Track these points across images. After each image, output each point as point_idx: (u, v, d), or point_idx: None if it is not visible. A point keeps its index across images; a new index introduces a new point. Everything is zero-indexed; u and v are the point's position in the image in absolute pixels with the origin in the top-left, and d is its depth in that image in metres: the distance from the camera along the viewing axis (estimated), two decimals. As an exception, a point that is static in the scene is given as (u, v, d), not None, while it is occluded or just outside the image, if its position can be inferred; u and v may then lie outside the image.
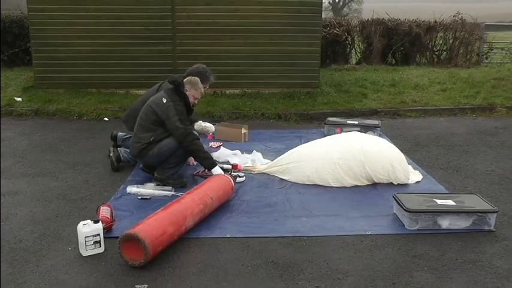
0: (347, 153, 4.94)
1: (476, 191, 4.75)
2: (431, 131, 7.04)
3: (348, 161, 4.87)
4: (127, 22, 8.61)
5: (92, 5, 8.49)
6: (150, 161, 4.86)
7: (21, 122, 7.47)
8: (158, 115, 4.69)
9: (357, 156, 4.89)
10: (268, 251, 3.55)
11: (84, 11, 8.53)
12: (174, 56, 8.80)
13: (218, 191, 4.22)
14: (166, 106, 4.68)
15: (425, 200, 4.10)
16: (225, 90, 8.93)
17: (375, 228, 3.92)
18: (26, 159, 5.67)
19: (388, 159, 4.93)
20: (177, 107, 4.69)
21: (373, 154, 4.91)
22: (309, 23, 8.72)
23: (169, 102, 4.69)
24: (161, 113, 4.68)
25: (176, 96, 4.77)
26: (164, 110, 4.67)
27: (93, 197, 4.60)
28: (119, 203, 4.43)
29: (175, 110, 4.66)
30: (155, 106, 4.73)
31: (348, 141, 5.14)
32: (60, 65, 8.67)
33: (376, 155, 4.91)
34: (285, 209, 4.32)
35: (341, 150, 4.99)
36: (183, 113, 4.72)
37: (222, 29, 8.70)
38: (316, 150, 5.13)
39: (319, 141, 5.40)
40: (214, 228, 3.92)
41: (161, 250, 3.44)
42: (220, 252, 3.56)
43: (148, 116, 4.74)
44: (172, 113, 4.64)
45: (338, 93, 8.92)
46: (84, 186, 4.90)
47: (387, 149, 5.09)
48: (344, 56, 12.62)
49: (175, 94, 4.78)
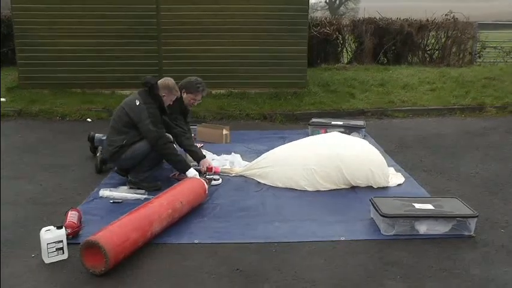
0: (324, 159, 4.81)
1: (459, 194, 4.62)
2: (417, 132, 6.93)
3: (325, 167, 4.74)
4: (112, 21, 8.51)
5: (77, 4, 8.35)
6: (123, 165, 4.74)
7: (4, 122, 7.33)
8: (131, 117, 4.56)
9: (334, 161, 4.76)
10: (235, 258, 3.43)
11: (69, 11, 8.41)
12: (159, 55, 8.70)
13: (189, 194, 4.10)
14: (139, 109, 4.55)
15: (403, 204, 3.98)
16: (211, 90, 8.77)
17: (349, 234, 3.79)
18: (3, 161, 5.54)
19: (366, 163, 4.81)
20: (150, 110, 4.56)
21: (351, 159, 4.79)
22: (296, 22, 8.61)
23: (142, 105, 4.57)
24: (134, 116, 4.55)
25: (149, 98, 4.64)
26: (137, 113, 4.55)
27: (65, 201, 4.46)
28: (90, 206, 4.31)
29: (147, 112, 4.53)
30: (128, 108, 4.61)
31: (325, 146, 5.02)
32: (44, 65, 8.56)
33: (354, 160, 4.79)
34: (259, 213, 4.19)
35: (318, 156, 4.85)
36: (156, 116, 4.59)
37: (208, 28, 8.60)
38: (292, 155, 5.00)
39: (297, 142, 5.27)
40: (184, 234, 3.79)
41: (124, 257, 3.31)
42: (186, 259, 3.44)
43: (121, 118, 4.62)
44: (144, 115, 4.52)
45: (325, 93, 8.81)
46: (57, 189, 4.77)
47: (366, 153, 4.96)
48: (335, 55, 12.51)
49: (148, 96, 4.65)
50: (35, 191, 4.71)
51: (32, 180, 4.98)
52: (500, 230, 3.94)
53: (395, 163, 5.53)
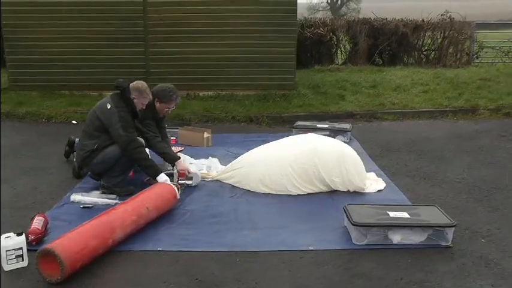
0: (301, 155, 4.73)
1: (442, 201, 4.51)
2: (406, 135, 6.79)
3: (302, 164, 4.66)
4: (99, 23, 8.43)
5: (65, 6, 8.28)
6: (95, 169, 4.64)
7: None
8: (101, 121, 4.47)
9: (311, 158, 4.68)
10: (197, 267, 3.32)
11: (57, 12, 8.34)
12: (146, 57, 8.61)
13: (156, 200, 4.00)
14: (110, 112, 4.46)
15: (377, 212, 3.85)
16: (198, 92, 8.72)
17: (319, 243, 3.67)
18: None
19: (341, 160, 4.72)
20: (121, 114, 4.46)
21: (327, 155, 4.71)
22: (284, 23, 8.49)
23: (113, 109, 4.47)
24: (104, 119, 4.46)
25: (121, 102, 4.54)
26: (108, 117, 4.45)
27: (36, 206, 4.37)
28: (60, 211, 4.22)
29: (118, 116, 4.43)
30: (99, 112, 4.52)
31: (302, 143, 4.93)
32: (33, 67, 8.51)
33: (329, 156, 4.71)
34: (230, 220, 4.08)
35: (295, 152, 4.77)
36: (126, 120, 4.48)
37: (196, 30, 8.49)
38: (269, 155, 4.90)
39: (275, 143, 5.17)
40: (149, 241, 3.68)
41: (82, 265, 3.21)
42: (147, 267, 3.33)
43: (93, 122, 4.53)
44: (115, 119, 4.42)
45: (315, 95, 8.68)
46: (31, 193, 4.68)
47: (341, 151, 4.85)
48: (329, 56, 12.37)
49: (120, 100, 4.55)
50: (9, 195, 4.61)
51: (8, 183, 4.89)
52: (480, 239, 3.80)
53: (378, 168, 5.40)
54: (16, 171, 5.25)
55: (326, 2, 48.32)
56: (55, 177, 5.07)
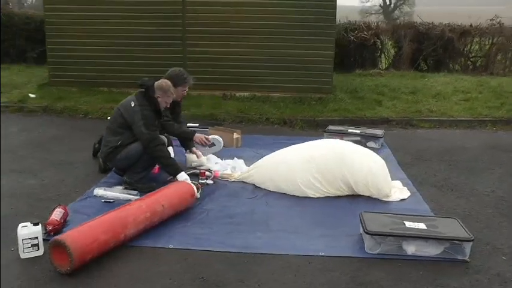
0: (327, 157, 4.72)
1: (466, 213, 4.36)
2: (440, 144, 6.58)
3: (328, 166, 4.63)
4: (138, 22, 8.61)
5: (104, 5, 8.52)
6: (119, 165, 4.76)
7: (29, 118, 7.58)
8: (125, 118, 4.58)
9: (338, 161, 4.66)
10: (204, 266, 3.35)
11: (96, 11, 8.59)
12: (184, 57, 8.71)
13: (173, 198, 4.05)
14: (133, 110, 4.56)
15: (393, 222, 3.76)
16: (235, 92, 8.76)
17: (330, 249, 3.61)
18: (16, 155, 5.70)
19: (367, 166, 4.65)
20: (144, 112, 4.55)
21: (354, 159, 4.67)
22: (322, 26, 8.40)
23: (136, 107, 4.57)
24: (128, 117, 4.57)
25: (145, 100, 4.64)
26: (131, 114, 4.56)
27: (60, 198, 4.52)
28: (82, 204, 4.34)
29: (141, 114, 4.53)
30: (123, 109, 4.64)
31: (328, 147, 4.91)
32: (73, 64, 8.77)
33: (356, 161, 4.66)
34: (244, 221, 4.08)
35: (322, 153, 4.76)
36: (149, 118, 4.56)
37: (233, 30, 8.55)
38: (292, 154, 4.91)
39: (299, 145, 5.13)
40: (162, 238, 3.74)
41: (92, 258, 3.29)
42: (155, 263, 3.39)
43: (116, 119, 4.65)
44: (138, 117, 4.52)
45: (351, 100, 8.55)
46: (57, 185, 4.84)
47: (368, 157, 4.79)
48: (372, 60, 12.15)
49: (144, 98, 4.65)
50: (35, 186, 4.80)
51: (37, 175, 5.08)
52: (501, 256, 3.65)
53: (406, 176, 5.26)
54: (45, 163, 5.44)
55: (379, 5, 47.51)
56: (81, 171, 5.21)
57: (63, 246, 3.15)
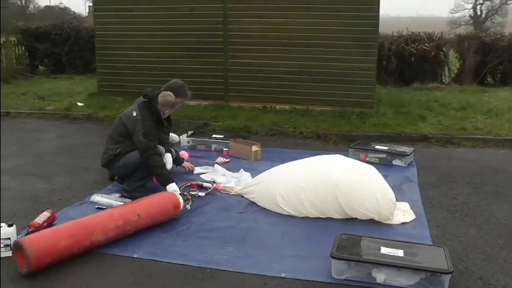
0: (316, 177, 4.45)
1: (470, 243, 3.96)
2: (474, 165, 6.05)
3: (316, 187, 4.37)
4: (181, 34, 8.83)
5: (149, 18, 8.83)
6: (117, 173, 4.87)
7: (71, 125, 8.00)
8: (127, 127, 4.69)
9: (328, 182, 4.37)
10: (155, 278, 3.31)
11: (142, 24, 8.92)
12: (225, 68, 8.79)
13: (152, 208, 4.05)
14: (135, 120, 4.67)
15: (369, 246, 3.49)
16: (275, 105, 8.68)
17: (293, 271, 3.42)
18: (40, 160, 6.03)
19: (364, 187, 4.36)
20: (145, 122, 4.64)
21: (348, 180, 4.38)
22: (365, 38, 8.11)
23: (138, 116, 4.68)
24: (129, 126, 4.67)
25: (146, 111, 4.73)
26: (132, 123, 4.66)
27: (60, 202, 4.68)
28: (75, 210, 4.45)
29: (142, 124, 4.62)
30: (125, 118, 4.75)
31: (321, 164, 4.66)
32: (119, 74, 9.19)
33: (351, 181, 4.37)
34: (221, 236, 3.98)
35: (311, 173, 4.52)
36: (149, 128, 4.64)
37: (274, 42, 8.49)
38: (286, 171, 4.72)
39: (301, 161, 4.93)
40: (130, 247, 3.74)
41: (52, 261, 3.36)
42: (111, 272, 3.40)
43: (118, 127, 4.77)
44: (139, 127, 4.61)
45: (394, 115, 8.14)
46: (63, 190, 5.02)
47: (364, 176, 4.50)
48: (433, 74, 11.51)
49: (146, 109, 4.75)
50: (44, 190, 5.03)
51: (50, 180, 5.33)
52: (489, 294, 3.26)
53: (419, 198, 4.89)
54: (64, 169, 5.68)
55: (469, 16, 45.12)
56: (92, 178, 5.37)
57: (21, 248, 3.26)
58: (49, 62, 13.15)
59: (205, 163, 5.93)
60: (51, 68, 13.12)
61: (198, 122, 8.03)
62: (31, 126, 7.76)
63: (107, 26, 9.16)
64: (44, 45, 12.83)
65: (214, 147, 6.64)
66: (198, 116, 8.24)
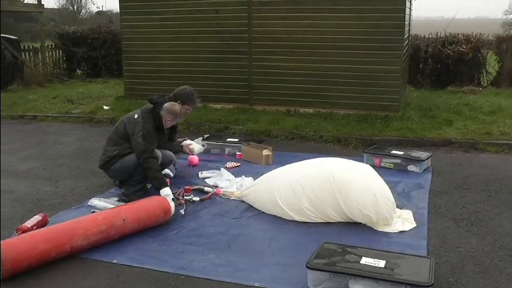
0: (316, 180, 4.33)
1: (469, 254, 3.73)
2: (493, 171, 5.70)
3: (315, 190, 4.26)
4: (206, 37, 8.84)
5: (174, 21, 8.90)
6: (114, 175, 4.91)
7: (94, 128, 8.16)
8: (126, 129, 4.73)
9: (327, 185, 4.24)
10: (128, 285, 3.29)
11: (167, 27, 9.01)
12: (250, 71, 8.74)
13: (139, 213, 4.04)
14: (135, 122, 4.70)
15: (350, 256, 3.32)
16: (299, 108, 8.54)
17: (271, 281, 3.31)
18: (53, 163, 6.17)
19: (367, 186, 4.21)
20: (145, 125, 4.67)
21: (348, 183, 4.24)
22: (390, 40, 7.84)
23: (139, 119, 4.72)
24: (129, 128, 4.71)
25: (149, 115, 4.77)
26: (132, 125, 4.70)
27: (60, 205, 4.75)
28: (70, 213, 4.45)
29: (142, 126, 4.66)
30: (126, 120, 4.81)
31: (321, 166, 4.52)
32: (146, 78, 9.29)
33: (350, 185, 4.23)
34: (208, 242, 3.92)
35: (310, 176, 4.39)
36: (148, 131, 4.66)
37: (297, 44, 8.36)
38: (284, 170, 4.66)
39: (299, 163, 4.82)
40: (111, 252, 3.73)
41: (29, 266, 3.40)
42: (87, 277, 3.40)
43: (119, 129, 4.82)
44: (138, 129, 4.64)
45: (420, 119, 7.83)
46: (66, 194, 5.09)
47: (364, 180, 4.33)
48: (470, 76, 11.00)
49: (148, 113, 4.79)
50: (48, 193, 5.12)
51: (57, 183, 5.42)
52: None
53: (426, 206, 4.67)
54: (73, 172, 5.78)
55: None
56: (97, 182, 5.42)
57: (-3, 252, 3.31)
58: (86, 65, 13.55)
59: (215, 167, 5.90)
60: (88, 71, 13.51)
61: (219, 125, 8.02)
62: (54, 129, 7.99)
63: (133, 30, 9.32)
64: (81, 49, 13.23)
65: (227, 151, 6.59)
66: (219, 119, 8.22)
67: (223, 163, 6.06)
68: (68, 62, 13.83)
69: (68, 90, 11.22)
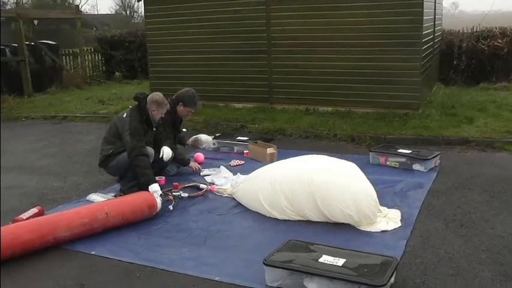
0: (293, 177, 4.34)
1: (448, 256, 3.63)
2: (505, 172, 5.45)
3: (293, 188, 4.25)
4: (226, 37, 8.95)
5: (195, 23, 9.07)
6: (111, 173, 5.10)
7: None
8: (117, 128, 4.89)
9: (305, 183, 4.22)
10: (97, 275, 3.45)
11: (189, 28, 9.21)
12: (269, 70, 8.77)
13: (124, 207, 4.19)
14: (124, 121, 4.86)
15: (311, 255, 3.31)
16: (318, 107, 8.49)
17: (232, 276, 3.36)
18: (69, 160, 6.48)
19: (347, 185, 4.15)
20: (132, 123, 4.80)
21: (327, 181, 4.20)
22: (407, 36, 7.63)
23: (127, 118, 4.87)
24: (119, 127, 4.88)
25: (135, 112, 4.90)
26: (121, 124, 4.86)
27: (61, 200, 5.00)
28: (68, 207, 4.64)
29: (129, 125, 4.80)
30: (117, 120, 4.97)
31: (302, 165, 4.54)
32: (170, 78, 9.49)
33: (329, 183, 4.19)
34: (187, 237, 4.03)
35: (288, 174, 4.41)
36: (136, 129, 4.79)
37: (316, 43, 8.31)
38: (269, 169, 4.68)
39: (284, 161, 4.82)
40: (92, 244, 3.91)
41: (13, 254, 3.61)
42: (63, 267, 3.59)
43: (111, 128, 5.00)
44: (126, 127, 4.79)
45: (440, 117, 7.59)
46: (71, 189, 5.34)
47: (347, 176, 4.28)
48: (506, 72, 10.51)
49: (134, 110, 4.92)
50: (55, 188, 5.40)
51: (66, 179, 5.71)
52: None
53: (419, 206, 4.55)
54: (84, 169, 6.04)
55: None
56: (103, 178, 5.60)
57: (-16, 241, 3.55)
58: (123, 68, 14.01)
59: (219, 165, 5.97)
60: (125, 73, 13.96)
61: (236, 124, 8.10)
62: (79, 129, 8.35)
63: (157, 32, 9.58)
64: (119, 52, 13.70)
65: (236, 149, 6.67)
66: (237, 118, 8.31)
67: (228, 161, 6.14)
68: (106, 64, 14.36)
69: (102, 91, 11.67)
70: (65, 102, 10.51)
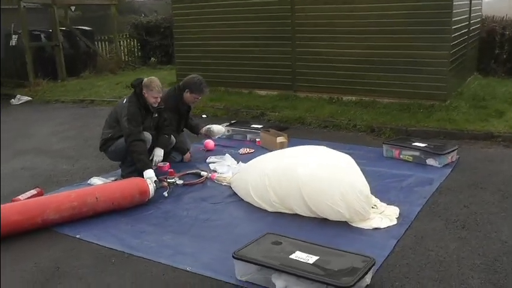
0: (279, 169, 4.24)
1: (438, 259, 3.42)
2: (526, 170, 5.10)
3: (279, 180, 4.13)
4: (250, 23, 8.83)
5: (221, 8, 8.98)
6: (111, 157, 5.14)
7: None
8: (117, 113, 4.91)
9: (291, 174, 4.10)
10: (74, 259, 3.50)
11: (214, 14, 9.14)
12: (293, 57, 8.59)
13: (114, 193, 4.20)
14: (123, 106, 4.89)
15: (283, 250, 3.19)
16: (342, 96, 8.25)
17: (203, 267, 3.31)
18: (84, 144, 6.60)
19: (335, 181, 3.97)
20: (130, 108, 4.81)
21: (314, 175, 4.04)
22: (435, 22, 7.24)
23: (126, 103, 4.89)
24: (119, 112, 4.90)
25: (133, 98, 4.91)
26: (120, 110, 4.89)
27: (66, 182, 5.10)
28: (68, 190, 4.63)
29: (127, 110, 4.81)
30: (117, 105, 4.99)
31: (292, 156, 4.40)
32: (195, 64, 9.44)
33: (317, 176, 4.03)
34: (173, 225, 4.01)
35: (276, 165, 4.30)
36: (133, 114, 4.79)
37: (339, 30, 8.04)
38: (262, 160, 4.57)
39: (281, 151, 4.71)
40: (80, 227, 3.95)
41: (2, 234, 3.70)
42: (49, 249, 3.65)
43: (112, 113, 5.05)
44: (124, 113, 4.81)
45: (468, 109, 7.19)
46: (77, 172, 5.43)
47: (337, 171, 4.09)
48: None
49: (133, 96, 4.93)
50: (64, 171, 5.51)
51: (77, 161, 5.82)
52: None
53: (422, 204, 4.31)
54: (95, 153, 6.00)
55: None
56: (110, 162, 5.48)
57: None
58: (159, 53, 14.13)
59: (230, 152, 5.90)
60: (161, 59, 14.08)
61: (256, 111, 8.00)
62: (104, 113, 8.39)
63: (183, 18, 9.56)
64: (154, 38, 13.82)
65: (249, 137, 6.58)
66: (258, 105, 8.20)
67: (238, 149, 6.06)
68: (142, 50, 14.53)
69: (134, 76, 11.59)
70: (96, 86, 10.71)
